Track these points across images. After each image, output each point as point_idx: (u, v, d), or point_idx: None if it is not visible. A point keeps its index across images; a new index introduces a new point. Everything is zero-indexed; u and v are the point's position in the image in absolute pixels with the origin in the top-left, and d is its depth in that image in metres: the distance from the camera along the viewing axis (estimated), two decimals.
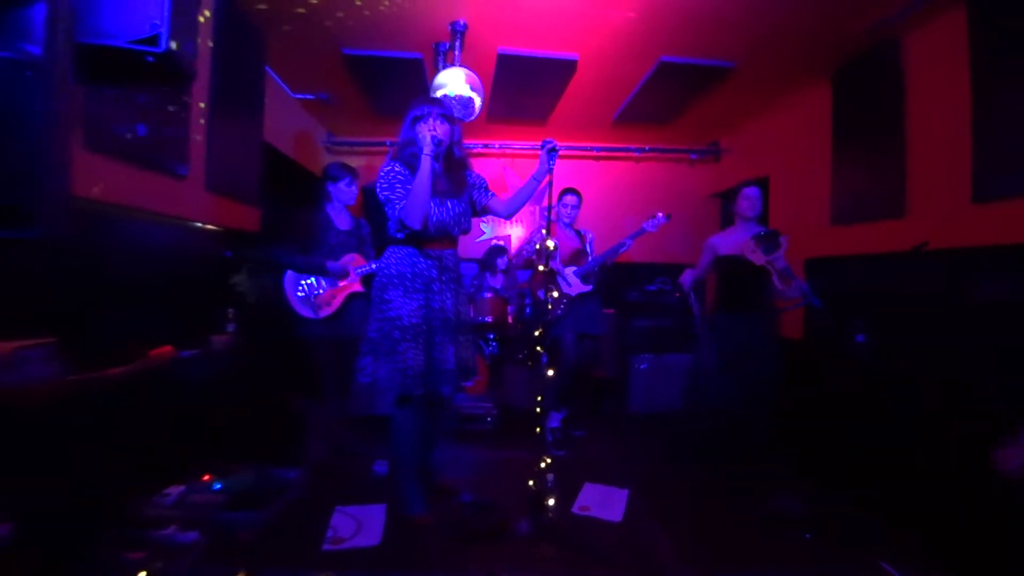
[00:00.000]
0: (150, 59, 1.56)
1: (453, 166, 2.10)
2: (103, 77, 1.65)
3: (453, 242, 2.13)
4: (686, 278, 2.93)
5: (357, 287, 2.76)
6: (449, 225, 2.06)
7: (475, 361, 2.22)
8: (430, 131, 1.94)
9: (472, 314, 3.31)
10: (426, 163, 1.89)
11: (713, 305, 3.03)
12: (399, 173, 2.00)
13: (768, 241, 2.62)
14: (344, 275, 2.71)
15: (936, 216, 2.36)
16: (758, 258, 2.62)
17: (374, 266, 2.69)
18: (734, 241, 2.82)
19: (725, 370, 2.80)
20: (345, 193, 2.78)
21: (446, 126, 2.01)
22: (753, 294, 2.76)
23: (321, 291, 2.70)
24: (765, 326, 2.81)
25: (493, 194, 2.22)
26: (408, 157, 2.03)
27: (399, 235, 2.04)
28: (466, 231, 2.16)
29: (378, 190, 2.01)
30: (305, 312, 2.67)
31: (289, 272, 2.70)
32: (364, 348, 2.05)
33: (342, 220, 2.82)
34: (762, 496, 2.31)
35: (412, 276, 2.03)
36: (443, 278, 2.07)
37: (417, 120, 2.01)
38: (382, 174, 2.01)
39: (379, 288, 2.06)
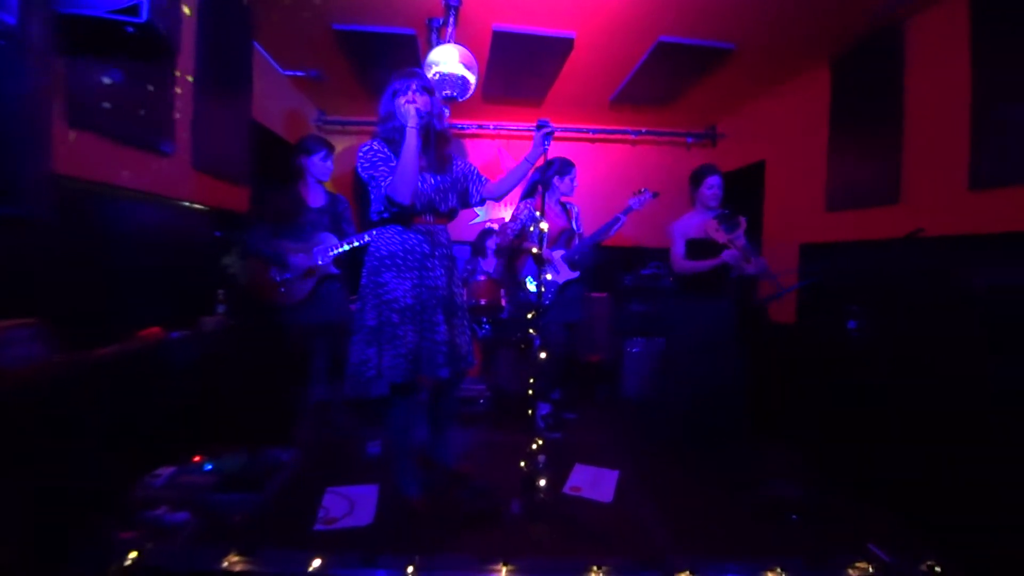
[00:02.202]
0: (130, 30, 1.51)
1: (434, 141, 2.03)
2: (82, 48, 1.60)
3: (441, 218, 2.08)
4: (684, 268, 2.87)
5: (331, 269, 2.67)
6: (434, 200, 2.02)
7: (471, 347, 2.18)
8: (411, 103, 1.89)
9: (466, 297, 3.28)
10: (412, 136, 1.84)
11: (678, 291, 3.00)
12: (379, 151, 1.96)
13: (729, 221, 2.69)
14: (306, 271, 2.60)
15: (932, 203, 2.35)
16: (721, 236, 2.67)
17: (345, 246, 2.63)
18: (696, 225, 2.83)
19: (695, 357, 2.79)
20: (319, 168, 2.68)
21: (425, 97, 1.95)
22: (719, 276, 2.76)
23: (290, 276, 2.62)
24: (731, 310, 2.83)
25: (487, 179, 2.16)
26: (388, 132, 1.99)
27: (385, 215, 2.00)
28: (453, 210, 2.11)
29: (360, 169, 1.97)
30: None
31: None
32: (363, 337, 1.97)
33: (315, 197, 2.72)
34: (753, 480, 2.33)
35: (404, 253, 1.98)
36: (436, 253, 2.03)
37: (397, 93, 1.96)
38: (362, 153, 1.97)
39: (372, 272, 2.01)
